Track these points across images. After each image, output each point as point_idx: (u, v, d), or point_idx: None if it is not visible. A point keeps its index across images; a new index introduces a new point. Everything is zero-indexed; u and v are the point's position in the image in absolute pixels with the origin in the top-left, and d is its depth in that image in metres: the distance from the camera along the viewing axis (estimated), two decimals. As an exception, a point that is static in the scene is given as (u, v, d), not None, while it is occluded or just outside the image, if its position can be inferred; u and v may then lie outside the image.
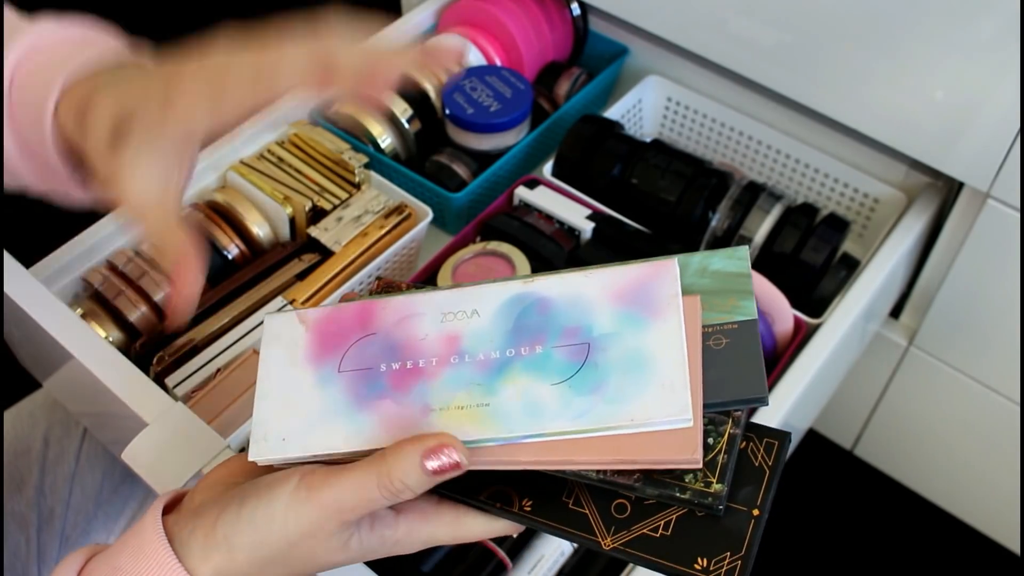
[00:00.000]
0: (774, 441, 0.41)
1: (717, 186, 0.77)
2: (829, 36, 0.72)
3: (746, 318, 0.42)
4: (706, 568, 0.38)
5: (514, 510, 0.41)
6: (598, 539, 0.40)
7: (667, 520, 0.40)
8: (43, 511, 0.71)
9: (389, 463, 0.39)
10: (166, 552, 0.40)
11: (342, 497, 0.39)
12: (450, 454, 0.39)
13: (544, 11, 0.90)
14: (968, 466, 0.99)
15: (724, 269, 0.44)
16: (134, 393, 0.57)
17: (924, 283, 0.85)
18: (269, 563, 0.40)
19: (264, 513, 0.39)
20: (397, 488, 0.39)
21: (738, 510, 0.39)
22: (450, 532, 0.42)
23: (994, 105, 0.67)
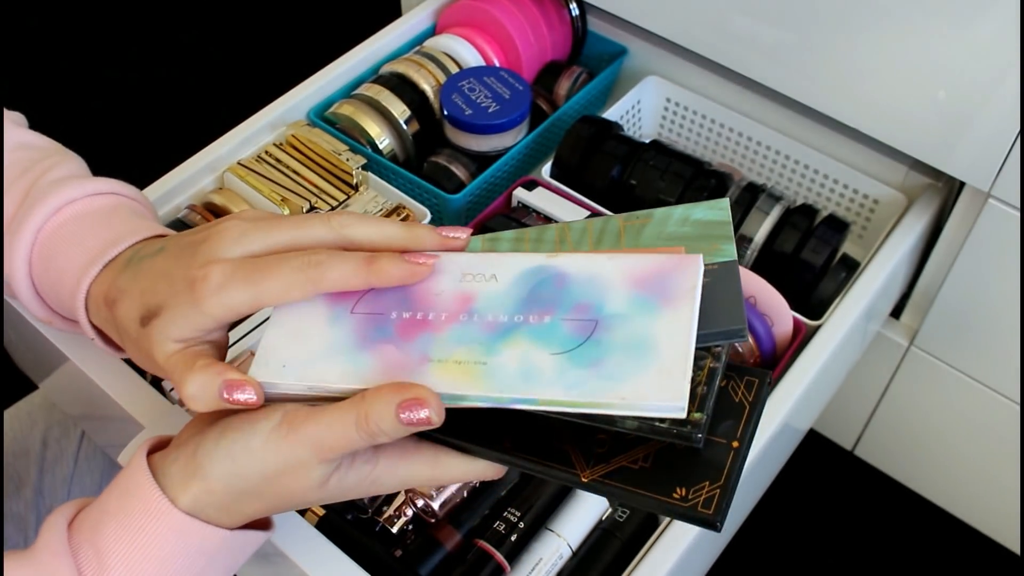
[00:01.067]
0: (754, 379, 0.42)
1: (716, 187, 0.77)
2: (829, 35, 0.72)
3: (726, 259, 0.44)
4: (684, 497, 0.39)
5: (494, 449, 0.42)
6: (576, 472, 0.41)
7: (647, 453, 0.40)
8: (41, 512, 0.71)
9: (367, 404, 0.40)
10: (150, 484, 0.41)
11: (321, 433, 0.40)
12: (419, 411, 0.39)
13: (543, 11, 0.90)
14: (968, 466, 0.98)
15: (705, 218, 0.45)
16: (130, 396, 0.57)
17: (925, 283, 0.85)
18: (245, 494, 0.41)
19: (242, 446, 0.41)
20: (372, 430, 0.40)
21: (718, 442, 0.40)
22: (428, 472, 0.43)
23: (995, 104, 0.67)
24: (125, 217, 0.52)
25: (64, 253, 0.50)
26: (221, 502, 0.41)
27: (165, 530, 0.41)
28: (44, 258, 0.51)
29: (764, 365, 0.71)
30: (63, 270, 0.50)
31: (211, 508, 0.42)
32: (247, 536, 0.44)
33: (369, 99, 0.83)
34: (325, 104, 0.85)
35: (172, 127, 1.51)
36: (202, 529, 0.41)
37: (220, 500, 0.41)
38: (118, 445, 0.55)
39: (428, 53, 0.87)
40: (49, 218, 0.51)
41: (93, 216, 0.51)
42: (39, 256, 0.51)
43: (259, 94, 0.92)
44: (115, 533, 0.41)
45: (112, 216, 0.51)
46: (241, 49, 1.67)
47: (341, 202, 0.75)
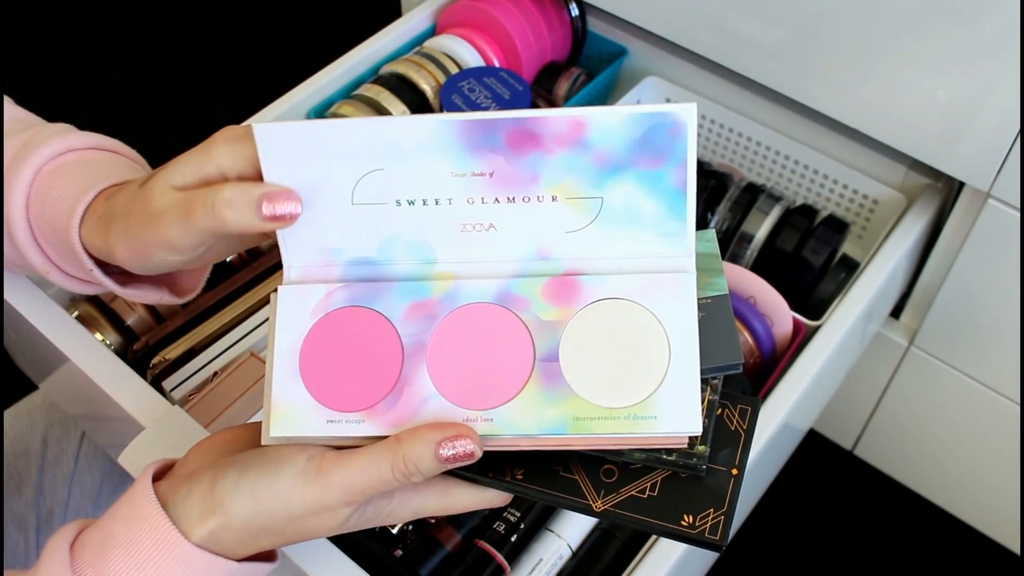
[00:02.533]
0: (747, 407, 0.45)
1: (716, 187, 0.77)
2: (829, 35, 0.72)
3: (718, 293, 0.45)
4: (692, 524, 0.42)
5: (506, 479, 0.43)
6: (589, 502, 0.43)
7: (653, 482, 0.43)
8: (42, 512, 0.71)
9: (405, 447, 0.40)
10: (159, 516, 0.40)
11: (353, 479, 0.40)
12: (465, 445, 0.40)
13: (542, 12, 0.89)
14: (968, 466, 0.98)
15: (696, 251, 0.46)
16: (130, 397, 0.57)
17: (924, 283, 0.85)
18: (264, 532, 0.41)
19: (268, 487, 0.40)
20: (410, 471, 0.40)
21: (718, 470, 0.43)
22: (439, 502, 0.43)
23: (995, 104, 0.67)
24: (127, 166, 0.51)
25: (64, 184, 0.48)
26: (238, 537, 0.41)
27: (173, 561, 0.40)
28: (41, 195, 0.49)
29: (764, 365, 0.71)
30: (61, 196, 0.48)
31: (226, 542, 0.41)
32: (253, 568, 0.44)
33: (369, 99, 0.83)
34: (325, 104, 0.85)
35: (172, 127, 1.51)
36: (210, 561, 0.41)
37: (238, 536, 0.41)
38: (118, 445, 0.55)
39: (428, 53, 0.87)
40: (49, 160, 0.49)
41: (95, 163, 0.50)
42: (36, 195, 0.49)
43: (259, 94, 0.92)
44: (122, 560, 0.40)
45: (115, 164, 0.51)
46: (241, 49, 1.67)
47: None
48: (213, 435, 0.45)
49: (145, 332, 0.69)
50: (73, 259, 0.49)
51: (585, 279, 0.43)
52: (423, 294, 0.43)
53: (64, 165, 0.49)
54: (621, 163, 0.41)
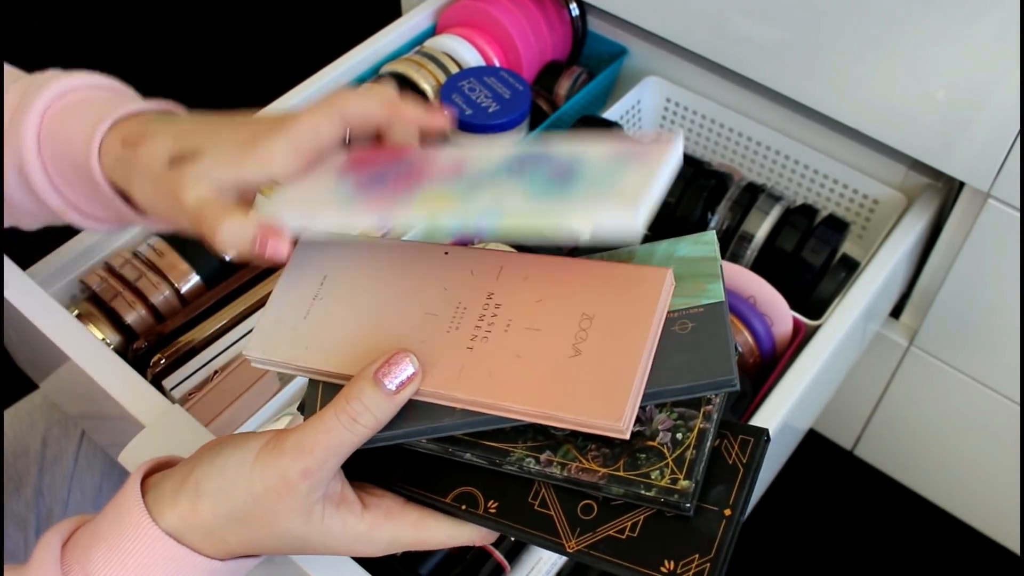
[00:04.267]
0: (749, 438, 0.39)
1: (716, 187, 0.77)
2: (829, 35, 0.72)
3: (713, 301, 0.41)
4: (672, 571, 0.37)
5: (479, 512, 0.41)
6: (561, 541, 0.39)
7: (635, 521, 0.39)
8: (42, 512, 0.71)
9: (344, 392, 0.40)
10: (138, 508, 0.41)
11: (303, 436, 0.40)
12: (403, 364, 0.40)
13: (543, 11, 0.90)
14: (968, 466, 0.98)
15: (690, 254, 0.43)
16: (131, 395, 0.57)
17: (924, 283, 0.85)
18: (231, 519, 0.40)
19: (235, 462, 0.40)
20: (355, 409, 0.39)
21: (709, 510, 0.38)
22: (414, 534, 0.43)
23: (995, 104, 0.67)
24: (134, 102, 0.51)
25: (77, 118, 0.49)
26: (206, 524, 0.40)
27: (153, 556, 0.40)
28: (53, 132, 0.49)
29: (764, 365, 0.71)
30: (75, 130, 0.48)
31: (194, 532, 0.41)
32: (234, 565, 0.43)
33: (369, 99, 0.83)
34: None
35: (172, 127, 1.51)
36: (189, 556, 0.41)
37: (205, 521, 0.40)
38: (118, 445, 0.55)
39: (428, 53, 0.87)
40: (53, 102, 0.49)
41: (101, 99, 0.50)
42: (47, 134, 0.49)
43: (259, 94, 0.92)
44: (104, 556, 0.40)
45: (123, 97, 0.51)
46: (241, 49, 1.67)
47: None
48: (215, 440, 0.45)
49: (145, 331, 0.69)
50: (91, 193, 0.49)
51: None
52: None
53: (70, 104, 0.49)
54: None
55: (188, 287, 0.71)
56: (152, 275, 0.70)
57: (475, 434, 0.41)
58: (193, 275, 0.71)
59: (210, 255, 0.72)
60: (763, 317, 0.70)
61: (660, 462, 0.38)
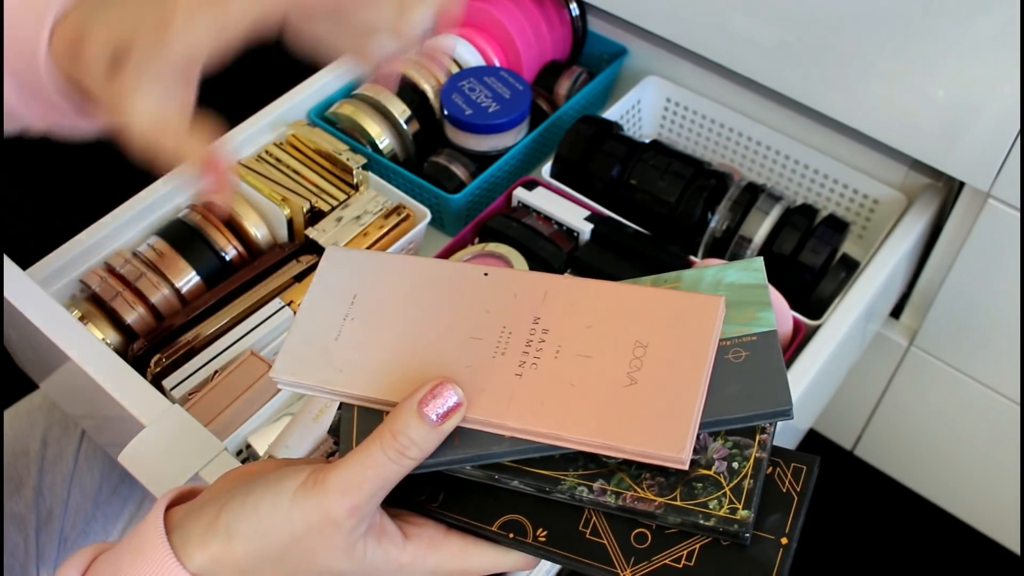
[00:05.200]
0: (802, 466, 0.40)
1: (716, 187, 0.77)
2: (830, 35, 0.72)
3: (765, 329, 0.41)
4: None
5: (528, 540, 0.40)
6: (617, 571, 0.39)
7: (690, 550, 0.38)
8: (42, 512, 0.71)
9: (388, 424, 0.38)
10: (163, 547, 0.39)
11: (348, 473, 0.38)
12: (447, 395, 0.38)
13: (543, 11, 0.90)
14: (968, 466, 0.98)
15: (740, 281, 0.43)
16: (131, 395, 0.57)
17: (924, 283, 0.85)
18: (267, 559, 0.39)
19: (270, 503, 0.38)
20: (402, 444, 0.38)
21: (765, 538, 0.38)
22: (458, 563, 0.41)
23: (995, 104, 0.67)
24: None
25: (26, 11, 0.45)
26: (240, 565, 0.39)
27: None
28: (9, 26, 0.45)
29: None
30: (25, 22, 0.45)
31: (229, 572, 0.39)
32: None
33: (369, 99, 0.83)
34: (325, 104, 0.85)
35: (172, 127, 1.51)
36: None
37: (239, 562, 0.38)
38: (118, 444, 0.55)
39: (428, 53, 0.87)
40: None
41: None
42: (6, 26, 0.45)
43: (259, 94, 0.92)
44: None
45: None
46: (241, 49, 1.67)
47: (341, 202, 0.75)
48: (246, 464, 0.44)
49: (145, 331, 0.69)
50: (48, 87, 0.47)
51: None
52: None
53: None
54: None
55: (188, 287, 0.71)
56: (152, 275, 0.70)
57: (522, 461, 0.40)
58: (193, 275, 0.71)
59: (210, 255, 0.72)
60: (763, 317, 0.70)
61: (718, 491, 0.38)
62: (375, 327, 0.43)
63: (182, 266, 0.71)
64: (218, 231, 0.73)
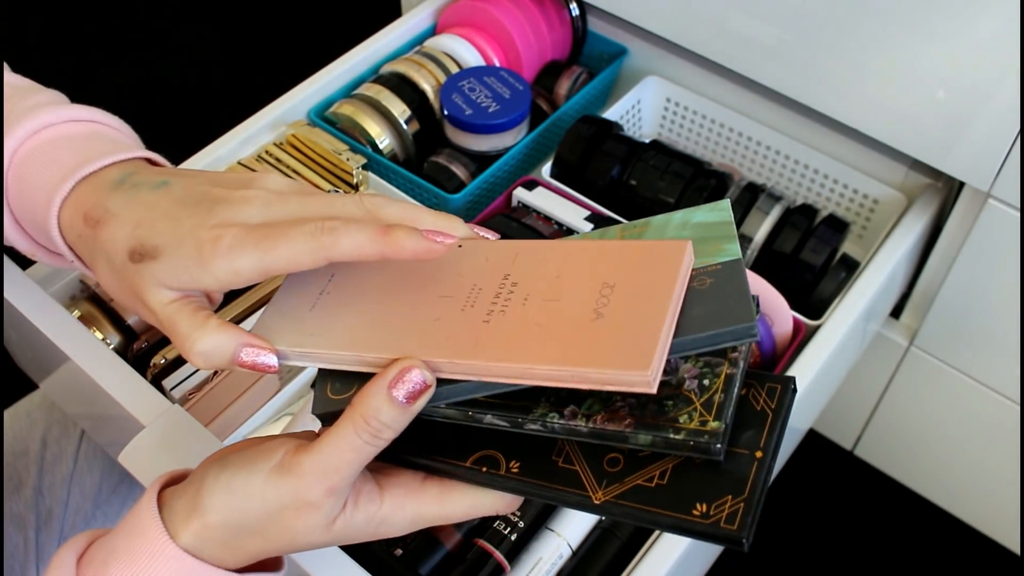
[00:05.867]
0: (776, 385, 0.39)
1: (716, 187, 0.77)
2: (829, 35, 0.72)
3: (730, 259, 0.40)
4: (705, 513, 0.36)
5: (500, 473, 0.40)
6: (588, 494, 0.38)
7: (663, 470, 0.38)
8: (41, 512, 0.71)
9: (359, 407, 0.39)
10: (154, 522, 0.40)
11: (324, 457, 0.39)
12: (414, 376, 0.39)
13: (543, 11, 0.90)
14: (968, 466, 0.98)
15: (707, 220, 0.43)
16: (131, 395, 0.57)
17: (925, 283, 0.85)
18: (245, 531, 0.40)
19: (242, 481, 0.40)
20: (374, 427, 0.39)
21: (740, 453, 0.37)
22: (436, 509, 0.42)
23: (995, 104, 0.67)
24: (106, 140, 0.49)
25: (39, 173, 0.46)
26: (221, 538, 0.40)
27: (170, 571, 0.40)
28: (19, 179, 0.47)
29: (764, 365, 0.71)
30: (37, 188, 0.46)
31: (211, 545, 0.40)
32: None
33: (369, 99, 0.83)
34: (325, 104, 0.85)
35: (172, 127, 1.51)
36: (206, 570, 0.40)
37: (220, 536, 0.40)
38: (118, 444, 0.55)
39: (428, 53, 0.87)
40: (24, 141, 0.47)
41: (71, 138, 0.48)
42: (14, 179, 0.47)
43: (259, 94, 0.92)
44: (121, 573, 0.40)
45: (92, 139, 0.48)
46: (241, 49, 1.67)
47: (341, 202, 0.75)
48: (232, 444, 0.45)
49: (146, 331, 0.69)
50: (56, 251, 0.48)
51: None
52: None
53: (40, 146, 0.47)
54: None
55: (188, 287, 0.71)
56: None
57: (494, 396, 0.40)
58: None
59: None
60: (763, 317, 0.70)
61: (688, 407, 0.37)
62: (348, 296, 0.44)
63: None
64: (218, 231, 0.73)
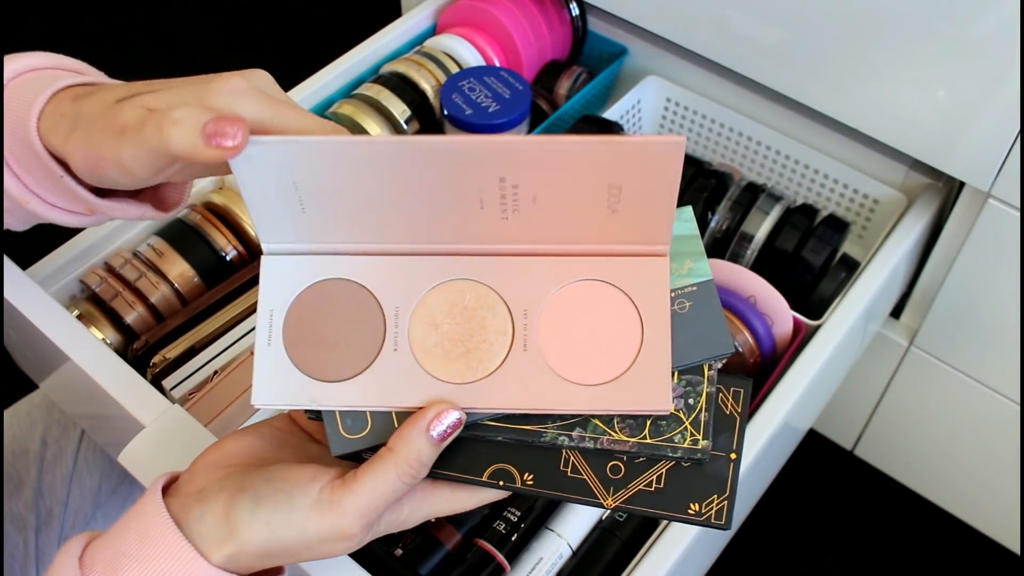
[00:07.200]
0: (739, 389, 0.45)
1: (716, 187, 0.77)
2: (830, 35, 0.72)
3: (703, 279, 0.45)
4: (698, 511, 0.44)
5: (517, 485, 0.44)
6: (601, 501, 0.44)
7: (658, 474, 0.44)
8: (41, 512, 0.71)
9: (401, 452, 0.41)
10: (176, 535, 0.40)
11: (366, 501, 0.41)
12: (450, 417, 0.42)
13: (543, 11, 0.90)
14: (968, 466, 0.98)
15: (675, 233, 0.45)
16: (130, 395, 0.57)
17: (925, 283, 0.85)
18: (279, 555, 0.42)
19: (283, 518, 0.41)
20: (416, 470, 0.41)
21: (718, 456, 0.44)
22: (449, 506, 0.45)
23: (995, 104, 0.67)
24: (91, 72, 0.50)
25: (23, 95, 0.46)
26: (253, 562, 0.42)
27: None
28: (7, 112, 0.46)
29: (764, 365, 0.71)
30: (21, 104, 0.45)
31: (242, 564, 0.41)
32: None
33: (369, 99, 0.83)
34: (325, 104, 0.85)
35: (172, 127, 1.51)
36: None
37: (252, 560, 0.41)
38: (118, 444, 0.55)
39: (428, 53, 0.87)
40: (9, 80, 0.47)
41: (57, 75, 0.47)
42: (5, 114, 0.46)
43: (259, 94, 0.91)
44: None
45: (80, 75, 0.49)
46: (241, 49, 1.67)
47: (341, 202, 0.75)
48: (216, 447, 0.45)
49: (145, 331, 0.69)
50: (45, 175, 0.46)
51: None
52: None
53: (25, 79, 0.47)
54: None
55: (188, 287, 0.71)
56: (152, 275, 0.70)
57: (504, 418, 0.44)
58: (193, 275, 0.71)
59: (210, 254, 0.72)
60: (763, 317, 0.70)
61: (679, 427, 0.43)
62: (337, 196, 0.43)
63: (182, 266, 0.71)
64: (218, 231, 0.73)
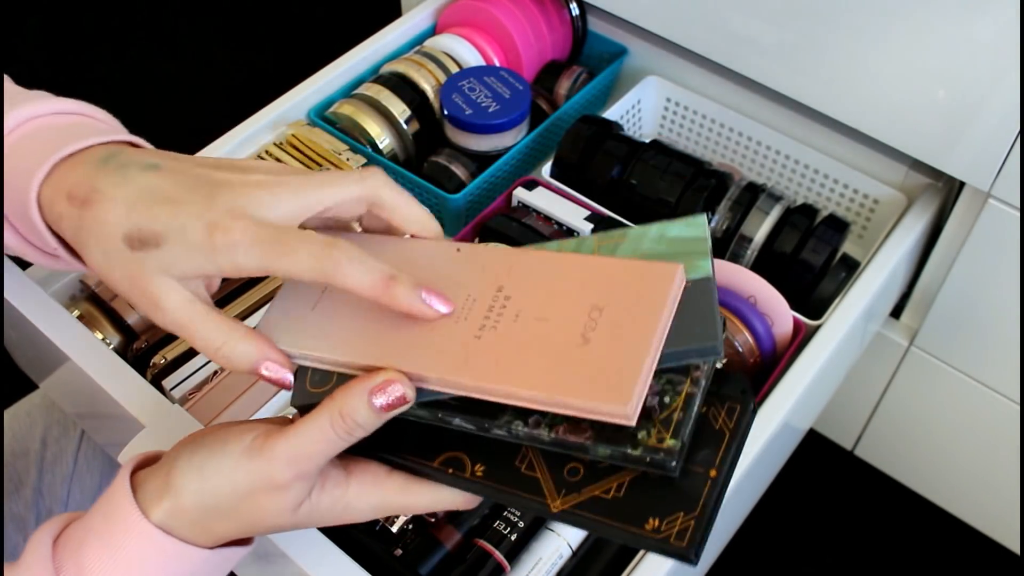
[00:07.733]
0: (736, 405, 0.40)
1: (716, 187, 0.77)
2: (829, 34, 0.72)
3: (701, 276, 0.41)
4: (657, 528, 0.37)
5: (465, 475, 0.42)
6: (547, 502, 0.40)
7: (620, 482, 0.39)
8: (41, 512, 0.71)
9: (339, 402, 0.40)
10: (128, 501, 0.41)
11: (297, 444, 0.40)
12: (395, 389, 0.40)
13: (543, 11, 0.90)
14: (968, 466, 0.98)
15: (682, 235, 0.44)
16: (131, 396, 0.57)
17: (925, 283, 0.85)
18: (215, 512, 0.41)
19: (213, 464, 0.41)
20: (349, 425, 0.40)
21: (695, 471, 0.39)
22: (400, 499, 0.43)
23: (995, 104, 0.67)
24: (90, 127, 0.47)
25: (22, 158, 0.45)
26: (192, 518, 0.41)
27: (144, 548, 0.41)
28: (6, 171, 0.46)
29: (764, 365, 0.71)
30: (20, 172, 0.44)
31: (183, 524, 0.42)
32: (225, 553, 0.44)
33: (369, 99, 0.83)
34: (325, 104, 0.85)
35: (172, 127, 1.51)
36: (179, 548, 0.41)
37: (191, 516, 0.41)
38: (118, 444, 0.55)
39: (428, 53, 0.87)
40: (12, 131, 0.46)
41: (55, 127, 0.46)
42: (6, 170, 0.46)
43: (259, 94, 0.92)
44: (97, 552, 0.41)
45: (76, 126, 0.47)
46: (241, 49, 1.67)
47: (341, 202, 0.75)
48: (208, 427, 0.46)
49: (145, 331, 0.69)
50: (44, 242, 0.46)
51: None
52: None
53: (26, 134, 0.46)
54: None
55: (188, 287, 0.71)
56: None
57: (464, 400, 0.41)
58: (193, 275, 0.71)
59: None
60: (763, 317, 0.70)
61: (647, 423, 0.38)
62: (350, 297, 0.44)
63: (182, 266, 0.71)
64: (218, 231, 0.73)
